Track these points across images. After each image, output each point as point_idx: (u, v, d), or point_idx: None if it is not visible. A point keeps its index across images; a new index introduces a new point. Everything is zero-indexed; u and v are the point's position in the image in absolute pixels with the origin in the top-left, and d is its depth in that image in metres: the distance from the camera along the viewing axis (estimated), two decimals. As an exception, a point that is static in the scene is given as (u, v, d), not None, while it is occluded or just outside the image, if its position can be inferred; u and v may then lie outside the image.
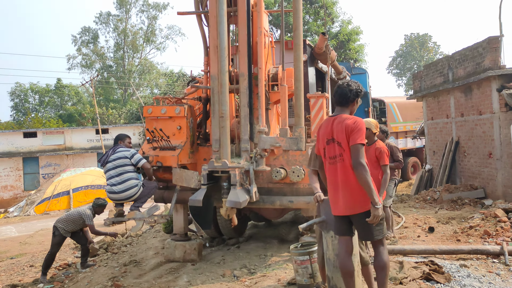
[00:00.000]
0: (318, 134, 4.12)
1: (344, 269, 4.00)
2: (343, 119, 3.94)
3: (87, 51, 53.42)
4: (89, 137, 28.40)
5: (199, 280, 6.23)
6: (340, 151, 3.91)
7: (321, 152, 4.11)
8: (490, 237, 7.40)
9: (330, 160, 3.98)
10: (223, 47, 6.32)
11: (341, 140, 3.90)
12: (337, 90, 4.07)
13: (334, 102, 4.11)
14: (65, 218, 8.20)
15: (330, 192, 4.05)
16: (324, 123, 4.12)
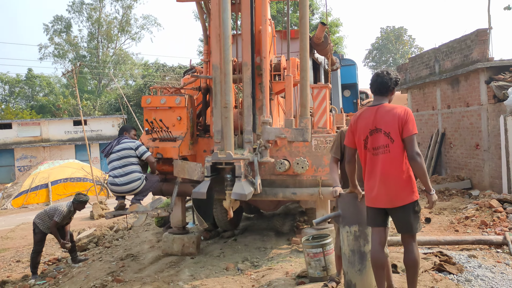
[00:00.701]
0: (355, 124, 3.94)
1: (377, 261, 3.89)
2: (391, 108, 3.83)
3: (60, 40, 52.08)
4: (66, 129, 27.70)
5: (202, 274, 6.10)
6: (387, 141, 3.78)
7: (360, 143, 3.93)
8: (488, 227, 7.50)
9: (373, 151, 3.83)
10: (227, 36, 6.14)
11: (392, 130, 3.76)
12: (376, 79, 3.95)
13: (373, 91, 3.98)
14: (43, 213, 7.91)
15: (369, 183, 3.90)
16: (363, 113, 3.95)
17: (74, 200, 7.91)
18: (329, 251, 5.12)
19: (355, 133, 3.95)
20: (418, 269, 3.95)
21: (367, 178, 3.93)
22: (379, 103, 3.92)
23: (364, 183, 3.98)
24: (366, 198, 3.98)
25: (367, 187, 3.95)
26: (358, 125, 3.93)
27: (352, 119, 3.99)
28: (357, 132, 3.93)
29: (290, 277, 5.53)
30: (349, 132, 4.00)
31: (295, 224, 8.59)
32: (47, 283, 7.14)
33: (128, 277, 6.18)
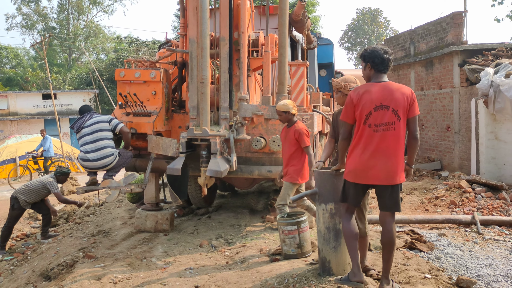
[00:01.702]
0: (358, 99, 3.78)
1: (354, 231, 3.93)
2: (399, 87, 3.83)
3: (28, 10, 50.17)
4: (35, 102, 26.87)
5: (176, 250, 6.06)
6: (393, 119, 3.75)
7: (362, 118, 3.79)
8: (457, 207, 7.68)
9: (375, 127, 3.75)
10: (204, 9, 5.99)
11: (400, 108, 3.74)
12: (376, 55, 3.84)
13: (376, 67, 3.85)
14: (25, 189, 7.67)
15: (362, 159, 3.80)
16: (368, 87, 3.80)
17: (56, 173, 7.77)
18: (304, 229, 5.14)
19: (357, 108, 3.79)
20: (394, 248, 3.99)
21: (360, 153, 3.81)
22: (381, 80, 3.86)
23: (353, 159, 3.86)
24: (353, 174, 3.86)
25: (359, 163, 3.82)
26: (362, 100, 3.77)
27: (354, 94, 3.80)
28: (359, 107, 3.78)
29: (264, 254, 5.55)
30: (350, 107, 3.83)
31: (269, 202, 8.63)
32: (15, 259, 6.98)
33: (99, 253, 6.08)
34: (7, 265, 6.81)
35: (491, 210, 7.36)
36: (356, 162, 3.83)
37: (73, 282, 5.02)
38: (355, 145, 3.86)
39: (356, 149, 3.85)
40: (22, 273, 6.24)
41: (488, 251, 5.40)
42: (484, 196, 8.00)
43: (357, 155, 3.83)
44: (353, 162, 3.86)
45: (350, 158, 3.89)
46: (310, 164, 5.50)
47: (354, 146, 3.86)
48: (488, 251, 5.38)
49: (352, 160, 3.86)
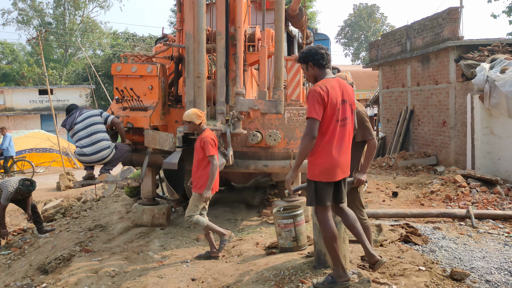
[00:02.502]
0: (328, 96, 3.74)
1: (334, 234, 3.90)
2: (345, 82, 3.99)
3: (24, 6, 49.95)
4: (31, 98, 26.78)
5: (172, 244, 6.09)
6: (350, 113, 3.91)
7: (333, 113, 3.77)
8: (452, 201, 7.73)
9: (341, 122, 3.82)
10: (201, 3, 6.01)
11: (352, 102, 3.94)
12: (314, 53, 3.91)
13: (321, 64, 3.91)
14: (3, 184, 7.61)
15: (341, 154, 3.81)
16: (330, 84, 3.81)
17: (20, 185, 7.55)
18: (300, 222, 5.18)
19: (327, 104, 3.74)
20: None
21: (333, 151, 3.79)
22: (330, 76, 3.92)
23: (327, 157, 3.79)
24: (327, 173, 3.81)
25: (332, 160, 3.79)
26: (331, 96, 3.76)
27: (323, 91, 3.73)
28: (329, 103, 3.75)
29: (260, 248, 5.59)
30: (320, 104, 3.72)
31: (265, 197, 8.66)
32: (13, 253, 7.00)
33: (96, 247, 6.11)
34: (4, 259, 6.83)
35: (486, 204, 7.41)
36: (330, 160, 3.79)
37: (70, 275, 5.05)
38: (327, 142, 3.79)
39: (327, 146, 3.79)
40: (20, 267, 6.26)
41: (482, 244, 5.46)
42: (479, 191, 8.06)
43: (329, 152, 3.79)
44: (327, 161, 3.79)
45: (321, 157, 3.80)
46: (211, 174, 5.28)
47: (326, 143, 3.79)
48: (482, 244, 5.44)
49: (326, 159, 3.79)
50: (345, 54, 62.29)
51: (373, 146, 4.49)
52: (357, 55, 59.34)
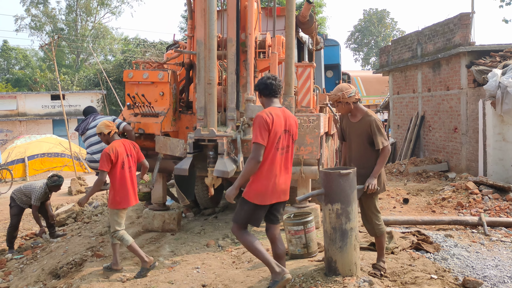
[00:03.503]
0: (272, 123, 3.98)
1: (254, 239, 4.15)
2: (290, 113, 4.29)
3: (37, 12, 50.56)
4: (44, 103, 27.07)
5: (183, 250, 6.11)
6: (290, 142, 4.19)
7: (273, 141, 4.01)
8: (464, 208, 7.67)
9: (281, 150, 4.08)
10: (212, 10, 6.03)
11: (294, 133, 4.23)
12: (270, 83, 4.17)
13: (269, 94, 4.19)
14: (19, 189, 7.80)
15: (280, 180, 4.09)
16: (275, 112, 4.08)
17: (48, 184, 7.77)
18: (310, 229, 5.17)
19: (271, 132, 3.98)
20: None
21: (270, 176, 4.02)
22: (278, 105, 4.20)
23: (265, 182, 4.02)
24: (263, 197, 4.04)
25: (268, 185, 4.03)
26: (275, 124, 4.00)
27: (269, 118, 3.98)
28: (273, 131, 3.99)
29: (270, 254, 5.57)
30: (265, 131, 3.96)
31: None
32: (25, 257, 7.07)
33: (108, 252, 6.15)
34: (17, 263, 6.90)
35: (498, 212, 7.34)
36: (266, 186, 4.01)
37: (82, 280, 5.09)
38: (266, 168, 4.01)
39: (266, 172, 4.02)
40: (32, 271, 6.33)
41: (495, 252, 5.41)
42: (491, 198, 7.99)
43: (267, 178, 4.01)
44: (263, 185, 4.01)
45: (259, 181, 4.01)
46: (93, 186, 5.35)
47: (265, 169, 4.01)
48: (495, 253, 5.39)
49: (262, 183, 4.01)
50: (355, 59, 61.99)
51: (387, 152, 4.54)
52: (367, 60, 59.18)
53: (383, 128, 4.64)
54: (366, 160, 4.51)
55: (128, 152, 5.39)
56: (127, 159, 5.33)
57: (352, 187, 4.28)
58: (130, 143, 5.48)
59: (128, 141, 5.50)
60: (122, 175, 5.26)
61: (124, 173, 5.28)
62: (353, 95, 4.60)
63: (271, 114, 4.01)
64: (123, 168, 5.27)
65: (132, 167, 5.42)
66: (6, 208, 11.50)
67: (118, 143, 5.34)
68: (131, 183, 5.37)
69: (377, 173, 4.51)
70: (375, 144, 4.47)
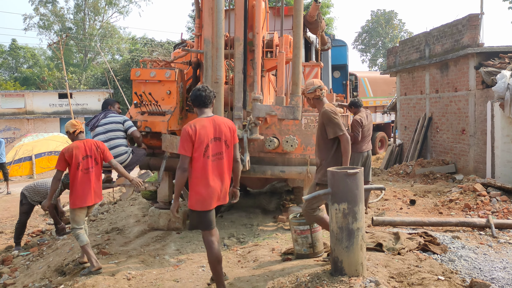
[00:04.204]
0: (195, 134, 4.19)
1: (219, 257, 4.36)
2: (225, 120, 4.47)
3: (45, 11, 50.85)
4: (51, 101, 27.18)
5: (188, 248, 6.11)
6: (225, 148, 4.35)
7: (200, 150, 4.20)
8: (471, 210, 7.61)
9: (213, 157, 4.26)
10: (220, 9, 6.04)
11: (228, 139, 4.39)
12: (201, 94, 4.37)
13: (199, 105, 4.39)
14: (32, 187, 7.78)
15: (215, 185, 4.25)
16: (201, 123, 4.26)
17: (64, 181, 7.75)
18: (316, 229, 5.15)
19: (196, 142, 4.18)
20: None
21: (206, 183, 4.21)
22: (209, 115, 4.40)
23: (201, 189, 4.21)
24: (202, 203, 4.22)
25: (206, 192, 4.21)
26: (199, 134, 4.19)
27: (191, 130, 4.19)
28: (197, 141, 4.19)
29: (276, 254, 5.57)
30: (189, 141, 4.18)
31: (281, 203, 8.63)
32: (31, 254, 7.09)
33: (113, 250, 6.16)
34: (23, 260, 6.92)
35: (506, 214, 7.28)
36: (202, 191, 4.22)
37: (87, 277, 5.09)
38: (199, 176, 4.22)
39: (199, 179, 4.22)
40: (38, 268, 6.34)
41: (503, 254, 5.35)
42: (499, 200, 7.92)
43: (202, 185, 4.21)
44: (199, 192, 4.22)
45: (195, 189, 4.23)
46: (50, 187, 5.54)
47: (197, 177, 4.22)
48: (503, 255, 5.33)
49: (199, 191, 4.22)
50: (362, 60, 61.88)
51: (345, 141, 4.74)
52: (375, 61, 59.02)
53: (336, 118, 4.78)
54: (324, 152, 4.78)
55: (88, 153, 5.43)
56: (85, 160, 5.39)
57: (359, 187, 4.26)
58: (93, 143, 5.50)
59: (91, 141, 5.53)
60: (77, 176, 5.36)
61: (80, 173, 5.36)
62: (313, 92, 4.85)
63: (194, 126, 4.22)
64: (78, 169, 5.35)
65: (93, 167, 5.45)
66: (13, 205, 11.60)
67: (77, 144, 5.42)
68: (88, 184, 5.42)
69: (346, 164, 4.73)
70: (327, 133, 4.72)
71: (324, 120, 4.79)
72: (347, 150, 4.72)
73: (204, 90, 4.40)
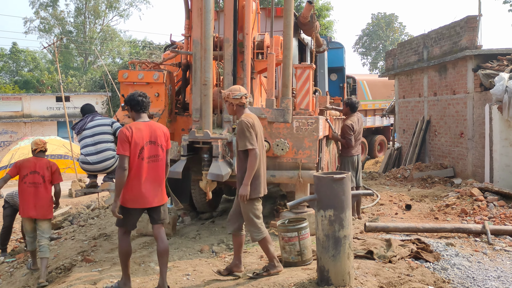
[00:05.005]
0: (131, 136, 4.41)
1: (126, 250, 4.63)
2: (159, 126, 4.72)
3: (46, 14, 50.91)
4: (49, 105, 27.10)
5: (175, 255, 5.94)
6: (159, 152, 4.60)
7: (135, 151, 4.43)
8: (468, 215, 7.43)
9: (147, 159, 4.50)
10: (208, 10, 5.89)
11: (163, 144, 4.64)
12: (131, 99, 4.61)
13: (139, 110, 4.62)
14: (11, 194, 7.59)
15: (143, 187, 4.46)
16: (136, 126, 4.50)
17: None
18: (305, 236, 4.98)
19: (132, 144, 4.42)
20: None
21: (137, 183, 4.45)
22: (145, 120, 4.64)
23: (134, 188, 4.45)
24: (133, 201, 4.47)
25: (138, 191, 4.46)
26: (135, 137, 4.43)
27: (127, 132, 4.42)
28: (133, 143, 4.42)
29: (264, 261, 5.38)
30: (126, 143, 4.40)
31: (275, 208, 8.46)
32: (16, 261, 6.94)
33: (98, 257, 6.00)
34: (7, 267, 6.77)
35: (504, 220, 7.08)
36: (135, 190, 4.46)
37: (68, 286, 4.93)
38: (133, 176, 4.44)
39: (133, 179, 4.45)
40: (21, 275, 6.19)
41: (498, 262, 5.17)
42: (497, 205, 7.73)
43: (134, 184, 4.45)
44: (132, 191, 4.46)
45: (128, 187, 4.44)
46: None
47: (133, 177, 4.44)
48: (498, 263, 5.15)
49: (131, 189, 4.46)
50: (363, 63, 61.67)
51: (253, 156, 4.58)
52: (375, 64, 58.84)
53: (250, 131, 4.61)
54: (240, 164, 4.72)
55: (38, 169, 5.93)
56: (31, 175, 5.89)
57: (346, 192, 4.09)
58: (46, 163, 6.00)
59: (46, 161, 6.04)
60: (21, 187, 5.93)
61: (24, 186, 5.89)
62: (238, 98, 4.71)
63: (131, 128, 4.47)
64: (23, 182, 5.88)
65: (39, 184, 5.90)
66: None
67: (31, 159, 6.02)
68: (32, 197, 5.87)
69: (248, 179, 4.58)
70: (242, 145, 4.60)
71: (238, 130, 4.68)
72: (252, 166, 4.57)
73: (144, 96, 4.67)
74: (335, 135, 7.94)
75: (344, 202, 4.07)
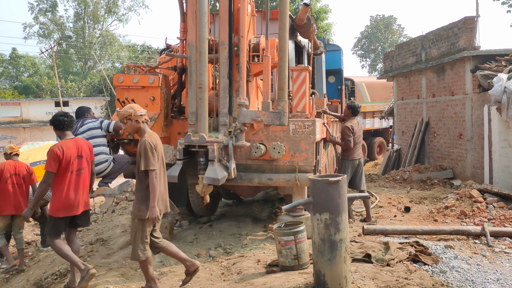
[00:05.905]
0: (62, 153, 4.85)
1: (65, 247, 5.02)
2: (84, 141, 5.24)
3: (45, 20, 50.94)
4: (47, 110, 27.05)
5: (172, 260, 5.88)
6: (85, 165, 5.11)
7: (67, 167, 4.89)
8: (467, 217, 7.38)
9: (76, 172, 4.99)
10: (203, 12, 5.86)
11: (88, 156, 5.16)
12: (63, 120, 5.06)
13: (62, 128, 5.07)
14: None
15: (73, 196, 4.93)
16: (66, 144, 4.95)
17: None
18: (301, 239, 4.93)
19: (62, 160, 4.85)
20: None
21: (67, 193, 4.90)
22: (71, 137, 5.13)
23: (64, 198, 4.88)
24: (65, 210, 4.89)
25: (68, 201, 4.90)
26: (66, 153, 4.88)
27: (58, 151, 4.84)
28: (64, 160, 4.86)
29: (261, 265, 5.34)
30: (56, 161, 4.81)
31: (273, 211, 8.42)
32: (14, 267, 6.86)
33: (94, 262, 5.94)
34: (3, 273, 6.71)
35: (503, 221, 7.03)
36: (66, 200, 4.90)
37: (63, 293, 4.88)
38: (63, 189, 4.88)
39: (63, 190, 4.88)
40: (17, 281, 6.14)
41: (497, 265, 5.11)
42: (496, 206, 7.68)
43: (65, 195, 4.89)
44: (63, 201, 4.89)
45: (58, 198, 4.88)
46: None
47: (62, 189, 4.88)
48: (497, 265, 5.09)
49: (62, 200, 4.89)
50: (362, 65, 61.64)
51: (153, 178, 4.47)
52: (374, 66, 58.85)
53: (152, 151, 4.51)
54: (140, 183, 4.64)
55: (18, 171, 6.71)
56: (11, 177, 6.65)
57: (342, 196, 4.05)
58: (24, 166, 6.80)
59: (24, 165, 6.82)
60: (5, 188, 6.59)
61: (8, 187, 6.60)
62: (143, 115, 4.75)
63: (62, 147, 4.89)
64: (7, 183, 6.59)
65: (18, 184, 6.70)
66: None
67: (8, 163, 6.73)
68: (8, 196, 6.60)
69: (154, 201, 4.46)
70: (143, 165, 4.52)
71: (140, 150, 4.55)
72: (154, 187, 4.45)
73: (66, 115, 5.11)
74: (333, 139, 7.90)
75: (340, 206, 4.03)
